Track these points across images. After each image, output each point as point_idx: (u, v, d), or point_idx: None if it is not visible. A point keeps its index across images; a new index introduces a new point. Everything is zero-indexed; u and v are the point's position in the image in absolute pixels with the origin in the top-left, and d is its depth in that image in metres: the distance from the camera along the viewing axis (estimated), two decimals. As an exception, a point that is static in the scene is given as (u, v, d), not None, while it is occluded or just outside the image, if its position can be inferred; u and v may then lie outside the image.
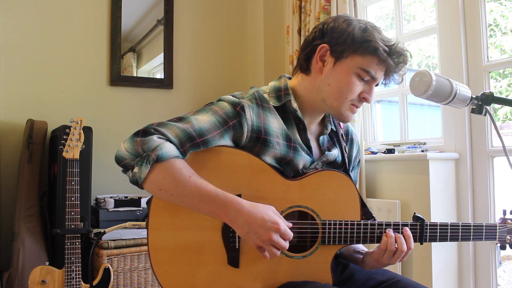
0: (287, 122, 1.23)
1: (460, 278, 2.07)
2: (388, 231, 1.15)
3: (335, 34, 1.19)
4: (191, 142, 1.10)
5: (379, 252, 1.16)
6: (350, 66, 1.17)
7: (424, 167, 2.05)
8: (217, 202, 1.07)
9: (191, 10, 3.18)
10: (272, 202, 1.14)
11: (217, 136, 1.13)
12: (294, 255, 1.17)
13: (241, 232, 1.08)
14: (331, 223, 1.16)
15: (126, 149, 1.09)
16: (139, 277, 2.30)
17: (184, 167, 1.08)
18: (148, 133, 1.09)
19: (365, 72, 1.17)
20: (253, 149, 1.17)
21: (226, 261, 1.14)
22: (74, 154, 2.13)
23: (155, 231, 1.13)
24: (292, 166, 1.21)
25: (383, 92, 2.68)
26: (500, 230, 1.22)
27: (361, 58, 1.17)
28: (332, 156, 1.28)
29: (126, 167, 1.10)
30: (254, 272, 1.15)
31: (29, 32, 2.69)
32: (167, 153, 1.06)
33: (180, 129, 1.10)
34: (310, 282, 1.14)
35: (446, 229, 1.19)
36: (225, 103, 1.17)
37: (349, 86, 1.18)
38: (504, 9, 2.35)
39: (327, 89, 1.20)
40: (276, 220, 1.07)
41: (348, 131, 1.40)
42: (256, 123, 1.17)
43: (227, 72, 3.27)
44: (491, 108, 1.60)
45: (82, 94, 2.81)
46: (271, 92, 1.25)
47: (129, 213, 2.47)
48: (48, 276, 2.00)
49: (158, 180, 1.07)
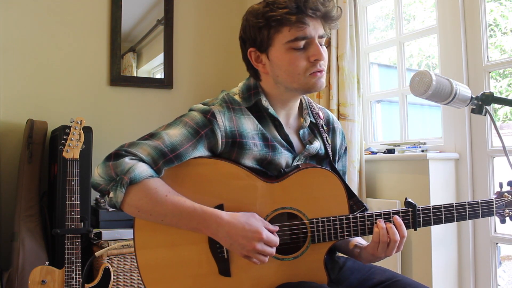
0: (262, 120, 1.21)
1: (460, 278, 2.07)
2: (378, 222, 1.14)
3: (248, 34, 1.18)
4: (164, 159, 1.09)
5: (373, 245, 1.15)
6: (278, 47, 1.15)
7: (424, 167, 2.05)
8: (196, 218, 1.07)
9: (191, 10, 3.18)
10: (256, 207, 1.13)
11: (190, 148, 1.11)
12: (284, 257, 1.16)
13: (225, 244, 1.08)
14: (318, 220, 1.15)
15: (99, 175, 1.09)
16: (139, 277, 2.29)
17: (159, 186, 1.08)
18: (120, 156, 1.08)
19: (293, 41, 1.12)
20: (231, 154, 1.16)
21: (217, 271, 1.13)
22: (74, 154, 2.13)
23: (142, 251, 1.12)
24: (275, 165, 1.19)
25: (383, 92, 2.68)
26: (497, 205, 1.20)
27: (279, 34, 1.13)
28: (314, 149, 1.25)
29: (102, 192, 1.10)
30: (247, 279, 1.14)
31: (29, 32, 2.69)
32: (140, 174, 1.05)
33: (151, 147, 1.09)
34: (307, 282, 1.14)
35: (440, 210, 1.17)
36: (195, 112, 1.16)
37: (291, 63, 1.14)
38: (504, 9, 2.35)
39: (280, 79, 1.18)
40: (257, 228, 1.06)
41: (328, 120, 1.36)
42: (229, 128, 1.15)
43: (227, 72, 3.27)
44: (491, 108, 1.60)
45: (82, 94, 2.81)
46: (241, 92, 1.23)
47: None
48: (48, 276, 2.00)
49: (135, 202, 1.06)
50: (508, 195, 1.21)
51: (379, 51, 2.74)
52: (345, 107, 2.35)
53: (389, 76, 2.90)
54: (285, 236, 1.15)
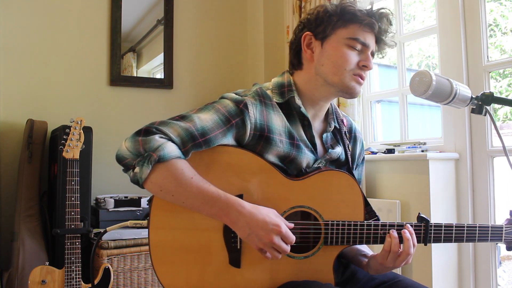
0: (291, 119, 1.22)
1: (460, 278, 2.07)
2: (391, 232, 1.14)
3: (312, 20, 1.22)
4: (193, 142, 1.09)
5: (383, 254, 1.14)
6: (337, 40, 1.18)
7: (424, 167, 2.05)
8: (219, 204, 1.07)
9: (191, 10, 3.18)
10: (275, 202, 1.14)
11: (219, 135, 1.12)
12: (296, 255, 1.16)
13: (242, 234, 1.08)
14: (333, 223, 1.15)
15: (127, 148, 1.08)
16: (139, 277, 2.30)
17: (185, 167, 1.08)
18: (150, 133, 1.08)
19: (354, 40, 1.17)
20: (256, 147, 1.17)
21: (228, 261, 1.13)
22: (74, 154, 2.13)
23: (156, 230, 1.12)
24: (296, 164, 1.20)
25: (383, 92, 2.68)
26: (506, 231, 1.21)
27: (344, 29, 1.18)
28: (336, 154, 1.27)
29: (127, 166, 1.09)
30: (255, 272, 1.15)
31: (29, 32, 2.69)
32: (169, 153, 1.05)
33: (182, 128, 1.09)
34: (311, 282, 1.14)
35: (451, 230, 1.18)
36: (227, 101, 1.17)
37: (343, 57, 1.17)
38: (504, 9, 2.35)
39: (324, 69, 1.19)
40: (278, 222, 1.07)
41: (351, 128, 1.38)
42: (259, 121, 1.16)
43: (227, 72, 3.27)
44: (491, 108, 1.60)
45: (82, 94, 2.81)
46: (274, 88, 1.24)
47: (129, 213, 2.47)
48: (48, 276, 2.00)
49: (159, 181, 1.06)
50: None
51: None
52: (345, 107, 2.35)
53: (389, 76, 2.90)
54: (298, 234, 1.16)
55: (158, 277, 1.12)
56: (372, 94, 2.64)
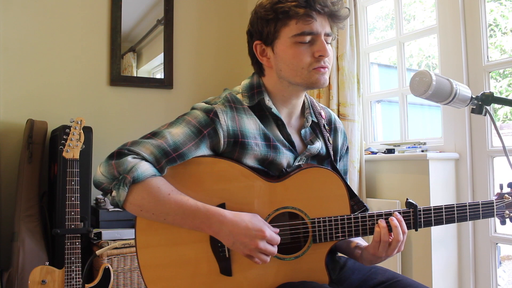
0: (264, 120, 1.21)
1: (460, 278, 2.07)
2: (380, 222, 1.14)
3: (254, 27, 1.20)
4: (166, 158, 1.09)
5: (374, 244, 1.14)
6: (284, 41, 1.15)
7: (424, 167, 2.05)
8: (199, 216, 1.07)
9: (191, 10, 3.18)
10: (258, 207, 1.13)
11: (193, 148, 1.11)
12: (286, 256, 1.16)
13: (227, 243, 1.08)
14: (320, 220, 1.15)
15: (102, 173, 1.08)
16: (139, 277, 2.30)
17: (162, 185, 1.08)
18: (123, 155, 1.08)
19: (299, 35, 1.13)
20: (232, 153, 1.16)
21: (219, 270, 1.13)
22: (74, 154, 2.13)
23: (144, 249, 1.12)
24: (276, 165, 1.19)
25: (383, 92, 2.68)
26: (497, 206, 1.20)
27: (285, 27, 1.15)
28: (315, 149, 1.26)
29: (104, 191, 1.10)
30: (248, 278, 1.14)
31: (29, 32, 2.69)
32: (143, 173, 1.05)
33: (154, 146, 1.09)
34: (308, 282, 1.14)
35: (441, 212, 1.17)
36: (197, 111, 1.16)
37: (295, 57, 1.15)
38: (504, 9, 2.35)
39: (283, 73, 1.18)
40: (261, 227, 1.06)
41: (330, 120, 1.36)
42: (231, 127, 1.15)
43: (227, 72, 3.27)
44: (491, 108, 1.60)
45: (82, 94, 2.81)
46: (244, 91, 1.23)
47: (128, 213, 2.46)
48: (48, 276, 2.00)
49: (137, 201, 1.07)
50: (508, 197, 1.22)
51: (379, 51, 2.74)
52: (345, 107, 2.35)
53: (389, 76, 2.90)
54: (286, 235, 1.15)
55: None
56: (372, 94, 2.64)
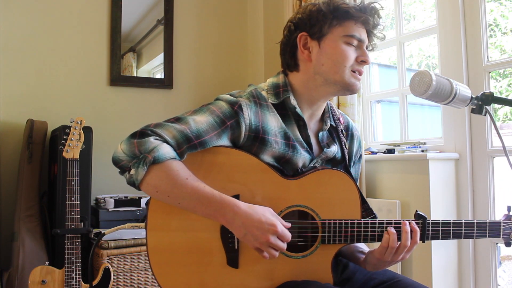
0: (286, 119, 1.22)
1: (460, 278, 2.07)
2: (389, 229, 1.14)
3: (306, 19, 1.22)
4: (188, 144, 1.09)
5: (381, 250, 1.15)
6: (334, 38, 1.19)
7: (424, 167, 2.05)
8: (214, 204, 1.07)
9: (191, 10, 3.18)
10: (271, 202, 1.14)
11: (214, 137, 1.12)
12: (294, 255, 1.16)
13: (238, 234, 1.08)
14: (330, 222, 1.15)
15: (123, 151, 1.09)
16: (139, 277, 2.30)
17: (181, 169, 1.08)
18: (145, 135, 1.09)
19: (350, 37, 1.19)
20: (251, 148, 1.17)
21: (226, 261, 1.13)
22: (74, 154, 2.13)
23: (153, 232, 1.13)
24: (291, 164, 1.20)
25: (383, 92, 2.68)
26: (504, 227, 1.21)
27: (340, 27, 1.19)
28: (331, 153, 1.27)
29: (123, 168, 1.10)
30: (253, 272, 1.15)
31: (29, 32, 2.69)
32: (164, 155, 1.06)
33: (177, 130, 1.10)
34: (311, 281, 1.14)
35: (449, 226, 1.18)
36: (222, 102, 1.17)
37: (342, 54, 1.19)
38: (504, 9, 2.35)
39: (324, 69, 1.20)
40: (273, 221, 1.07)
41: (348, 126, 1.38)
42: (254, 122, 1.16)
43: (227, 72, 3.27)
44: (491, 108, 1.60)
45: (82, 94, 2.81)
46: (269, 89, 1.24)
47: (129, 213, 2.47)
48: (48, 276, 2.00)
49: (155, 182, 1.07)
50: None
51: (379, 51, 2.74)
52: (345, 107, 2.35)
53: (389, 76, 2.90)
54: (295, 233, 1.16)
55: (157, 279, 1.12)
56: (372, 94, 2.64)
